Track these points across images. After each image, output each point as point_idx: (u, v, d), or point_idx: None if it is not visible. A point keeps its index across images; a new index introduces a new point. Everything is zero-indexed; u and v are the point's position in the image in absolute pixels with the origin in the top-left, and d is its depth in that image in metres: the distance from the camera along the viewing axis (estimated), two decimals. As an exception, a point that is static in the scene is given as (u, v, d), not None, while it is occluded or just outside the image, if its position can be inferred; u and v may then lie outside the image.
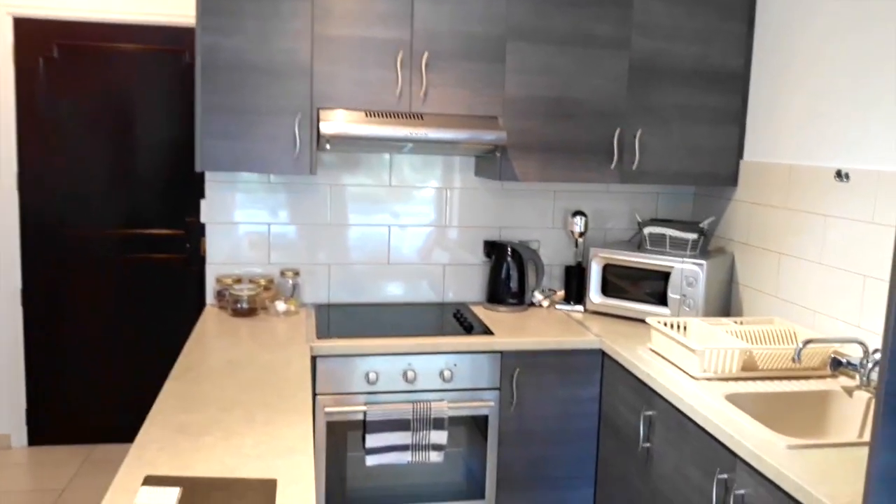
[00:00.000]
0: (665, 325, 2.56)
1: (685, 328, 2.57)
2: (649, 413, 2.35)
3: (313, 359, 2.60)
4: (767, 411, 2.14)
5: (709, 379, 2.24)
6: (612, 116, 2.92)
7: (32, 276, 3.98)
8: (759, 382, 2.23)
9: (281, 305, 2.98)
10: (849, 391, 2.15)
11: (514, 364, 2.71)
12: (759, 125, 2.91)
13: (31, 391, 4.05)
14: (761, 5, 2.91)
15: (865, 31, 2.37)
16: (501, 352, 2.71)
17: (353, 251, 3.21)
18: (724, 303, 3.02)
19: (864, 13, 2.37)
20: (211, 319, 2.91)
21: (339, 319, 2.93)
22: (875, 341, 2.24)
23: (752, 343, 2.47)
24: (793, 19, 2.72)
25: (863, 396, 2.12)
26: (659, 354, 2.48)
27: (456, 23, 2.77)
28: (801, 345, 2.06)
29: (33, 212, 3.93)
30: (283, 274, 3.09)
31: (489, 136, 2.72)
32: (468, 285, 3.30)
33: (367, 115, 2.72)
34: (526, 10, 2.81)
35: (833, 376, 2.29)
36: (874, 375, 2.08)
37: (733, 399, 2.12)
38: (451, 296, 3.30)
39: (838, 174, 2.42)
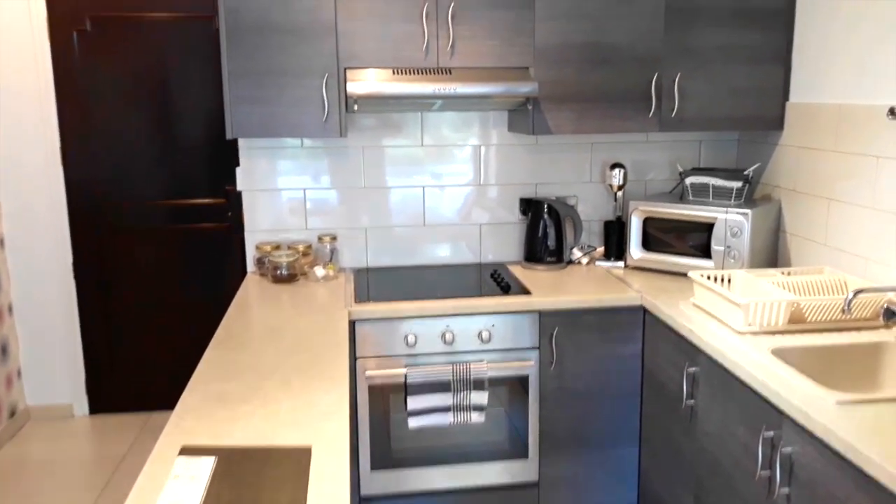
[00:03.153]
0: (708, 278, 2.47)
1: (729, 281, 2.48)
2: (693, 370, 2.28)
3: (352, 323, 2.59)
4: (816, 365, 2.06)
5: (754, 333, 2.16)
6: (649, 61, 2.79)
7: (82, 249, 4.06)
8: (807, 335, 2.14)
9: (320, 271, 2.97)
10: (904, 342, 2.06)
11: (553, 323, 2.66)
12: (806, 63, 2.75)
13: (89, 361, 4.17)
14: (807, -65, 2.73)
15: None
16: (540, 311, 2.66)
17: (390, 213, 3.17)
18: (771, 253, 2.90)
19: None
20: (252, 287, 2.92)
21: (377, 283, 2.92)
22: (933, 288, 2.12)
23: (801, 294, 2.37)
24: (841, -52, 2.54)
25: (919, 347, 2.02)
26: (702, 309, 2.40)
27: (482, -28, 2.68)
28: (851, 294, 1.96)
29: (78, 185, 4.00)
30: (320, 239, 3.08)
31: (520, 88, 2.64)
32: (506, 244, 3.25)
33: (394, 72, 2.66)
34: (555, -46, 2.69)
35: (887, 327, 2.18)
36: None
37: (780, 353, 2.04)
38: (489, 256, 3.25)
39: (892, 112, 2.27)
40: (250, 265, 3.17)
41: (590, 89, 2.79)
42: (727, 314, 2.24)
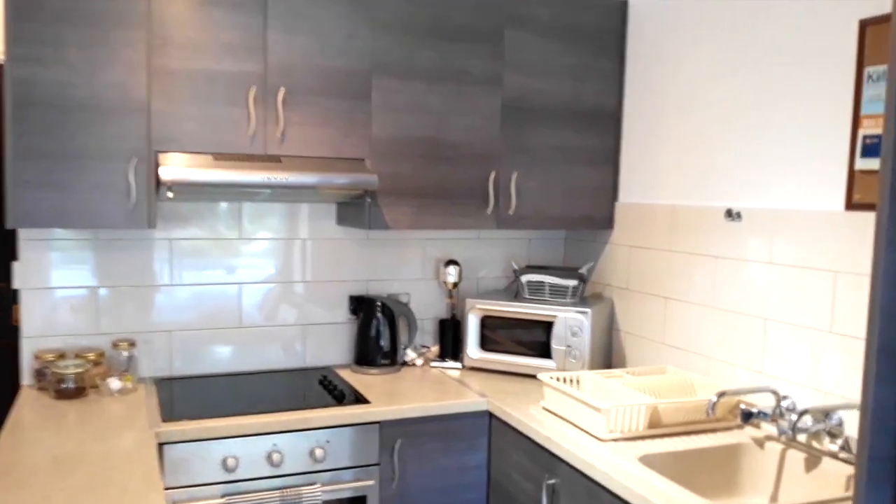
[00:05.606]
0: (558, 380, 2.37)
1: (578, 383, 2.40)
2: (552, 482, 2.13)
3: (159, 446, 2.18)
4: (681, 471, 1.99)
5: (615, 440, 2.06)
6: (488, 158, 2.74)
7: None
8: (667, 440, 2.07)
9: (115, 383, 2.53)
10: (759, 443, 2.04)
11: (394, 435, 2.42)
12: (635, 166, 2.83)
13: None
14: (632, 40, 2.85)
15: (743, 64, 2.34)
16: (380, 422, 2.41)
17: (198, 314, 2.80)
18: (607, 352, 2.89)
19: (739, 46, 2.35)
20: (29, 404, 2.41)
21: (185, 396, 2.52)
22: (781, 387, 2.14)
23: (652, 396, 2.33)
24: (665, 54, 2.67)
25: (775, 448, 2.01)
26: (555, 414, 2.28)
27: (315, 56, 2.51)
28: (715, 398, 1.92)
29: None
30: (115, 345, 2.63)
31: (359, 179, 2.45)
32: (333, 346, 2.98)
33: (215, 158, 2.38)
34: (391, 42, 2.59)
35: (739, 427, 2.17)
36: (800, 424, 1.90)
37: (647, 460, 1.94)
38: (313, 359, 2.96)
39: (729, 213, 2.35)
40: (26, 377, 2.64)
41: (429, 185, 2.67)
42: (584, 419, 2.12)
